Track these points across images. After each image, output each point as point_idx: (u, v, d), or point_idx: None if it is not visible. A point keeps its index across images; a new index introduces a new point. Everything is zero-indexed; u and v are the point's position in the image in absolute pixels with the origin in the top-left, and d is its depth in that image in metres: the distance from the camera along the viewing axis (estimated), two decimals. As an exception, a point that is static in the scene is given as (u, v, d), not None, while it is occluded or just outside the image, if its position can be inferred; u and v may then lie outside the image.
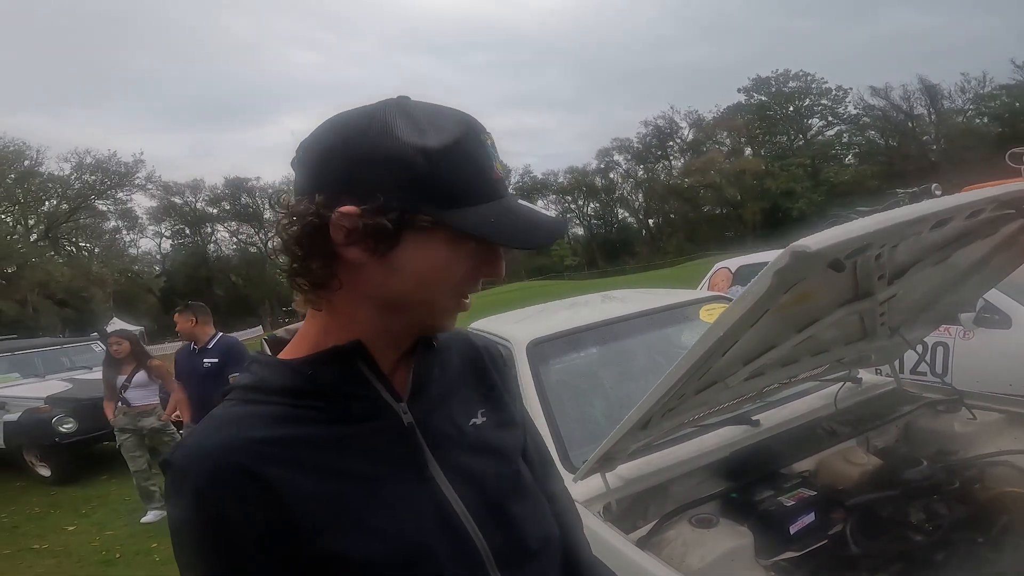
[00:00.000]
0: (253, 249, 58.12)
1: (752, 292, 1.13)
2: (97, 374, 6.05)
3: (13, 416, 6.81)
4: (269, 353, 0.74)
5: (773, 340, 1.53)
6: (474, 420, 0.76)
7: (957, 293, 1.90)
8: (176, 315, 4.29)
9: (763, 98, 58.35)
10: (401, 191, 0.60)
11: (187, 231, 60.32)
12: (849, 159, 54.78)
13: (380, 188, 0.60)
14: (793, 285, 1.21)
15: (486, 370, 0.83)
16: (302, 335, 0.71)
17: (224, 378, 3.75)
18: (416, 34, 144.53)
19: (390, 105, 0.64)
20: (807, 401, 2.13)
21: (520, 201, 0.67)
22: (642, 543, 1.46)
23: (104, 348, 8.11)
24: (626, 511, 1.67)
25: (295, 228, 0.62)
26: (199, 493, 0.60)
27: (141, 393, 5.13)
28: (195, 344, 4.20)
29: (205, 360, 4.09)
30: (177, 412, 4.67)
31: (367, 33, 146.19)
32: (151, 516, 5.14)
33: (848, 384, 2.14)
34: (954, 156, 40.14)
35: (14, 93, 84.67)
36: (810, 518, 1.50)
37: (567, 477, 1.77)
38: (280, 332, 0.78)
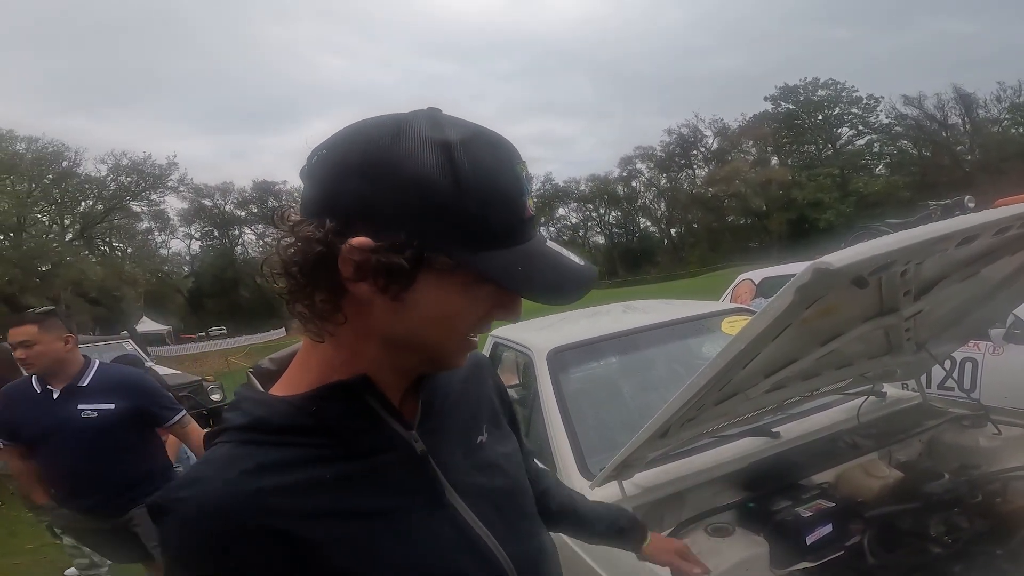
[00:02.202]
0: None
1: (774, 307, 1.14)
2: None
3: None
4: (258, 386, 0.68)
5: (795, 353, 1.53)
6: (480, 438, 0.76)
7: (986, 308, 1.87)
8: (31, 327, 2.28)
9: (791, 107, 57.38)
10: (422, 223, 0.54)
11: (216, 233, 62.03)
12: (880, 169, 53.52)
13: (398, 218, 0.54)
14: (815, 300, 1.22)
15: (482, 384, 0.83)
16: (300, 366, 0.66)
17: (137, 434, 2.43)
18: (443, 40, 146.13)
19: (418, 119, 0.57)
20: (829, 414, 2.11)
21: (549, 243, 0.62)
22: (658, 550, 1.47)
23: (134, 347, 8.26)
24: (642, 518, 1.68)
25: (298, 253, 0.56)
26: (207, 547, 0.55)
27: None
28: (49, 381, 2.36)
29: (84, 407, 2.34)
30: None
31: (394, 38, 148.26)
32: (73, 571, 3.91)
33: (872, 398, 2.12)
34: (989, 167, 39.07)
35: (57, 96, 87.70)
36: (827, 529, 1.49)
37: (584, 484, 1.79)
38: (265, 362, 0.73)
